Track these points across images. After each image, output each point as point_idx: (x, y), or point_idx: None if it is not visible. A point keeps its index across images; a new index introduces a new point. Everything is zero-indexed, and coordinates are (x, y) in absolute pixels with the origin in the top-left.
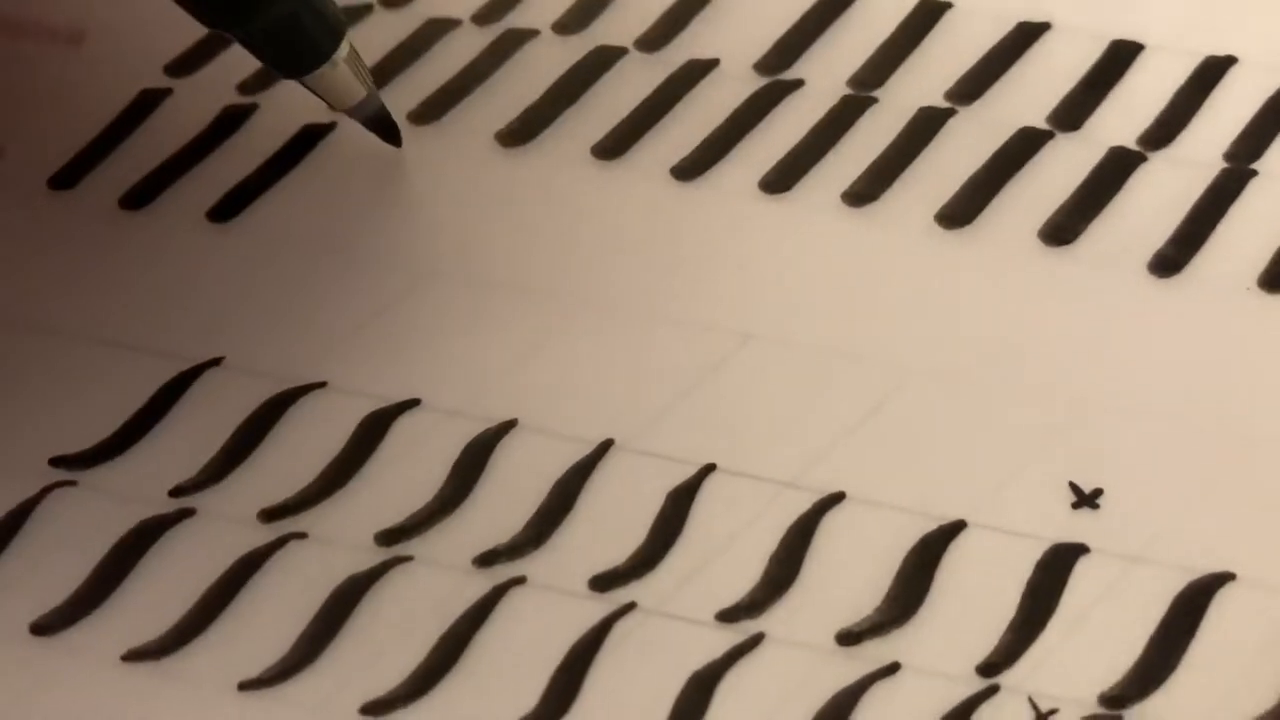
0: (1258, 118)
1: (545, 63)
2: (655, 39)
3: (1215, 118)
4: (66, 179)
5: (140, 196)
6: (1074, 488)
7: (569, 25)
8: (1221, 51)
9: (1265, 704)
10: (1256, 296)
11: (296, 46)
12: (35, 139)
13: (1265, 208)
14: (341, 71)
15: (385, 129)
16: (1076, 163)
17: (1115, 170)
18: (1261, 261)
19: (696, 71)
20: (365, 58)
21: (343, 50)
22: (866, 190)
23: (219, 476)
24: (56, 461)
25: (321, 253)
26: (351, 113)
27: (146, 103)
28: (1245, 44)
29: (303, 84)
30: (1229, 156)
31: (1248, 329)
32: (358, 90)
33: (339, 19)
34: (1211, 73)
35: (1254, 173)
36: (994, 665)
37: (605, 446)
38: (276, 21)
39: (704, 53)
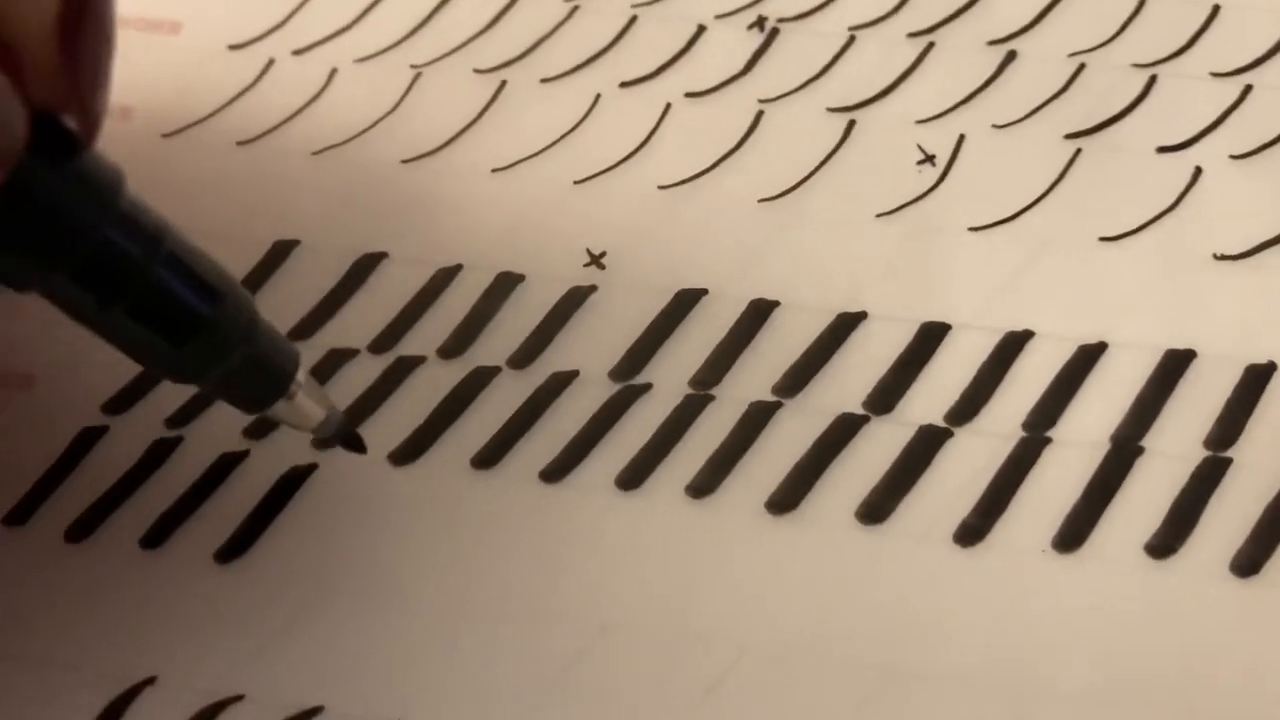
0: (1052, 388)
1: (430, 386)
2: (524, 357)
3: (1014, 390)
4: (19, 516)
5: (82, 529)
6: None
7: (450, 350)
8: (1020, 327)
9: None
10: (1052, 558)
11: (253, 388)
12: None
13: (1058, 474)
14: (299, 400)
15: (348, 442)
16: (890, 443)
17: (924, 447)
18: (1055, 524)
19: (560, 382)
20: None
21: (298, 381)
22: (705, 483)
23: None
24: None
25: (241, 570)
26: (315, 432)
27: (86, 439)
28: (1040, 318)
29: (266, 416)
30: (1027, 426)
31: (1044, 590)
32: (318, 413)
33: (290, 353)
34: (1011, 348)
35: (1049, 440)
36: None
37: None
38: (230, 372)
39: (566, 365)
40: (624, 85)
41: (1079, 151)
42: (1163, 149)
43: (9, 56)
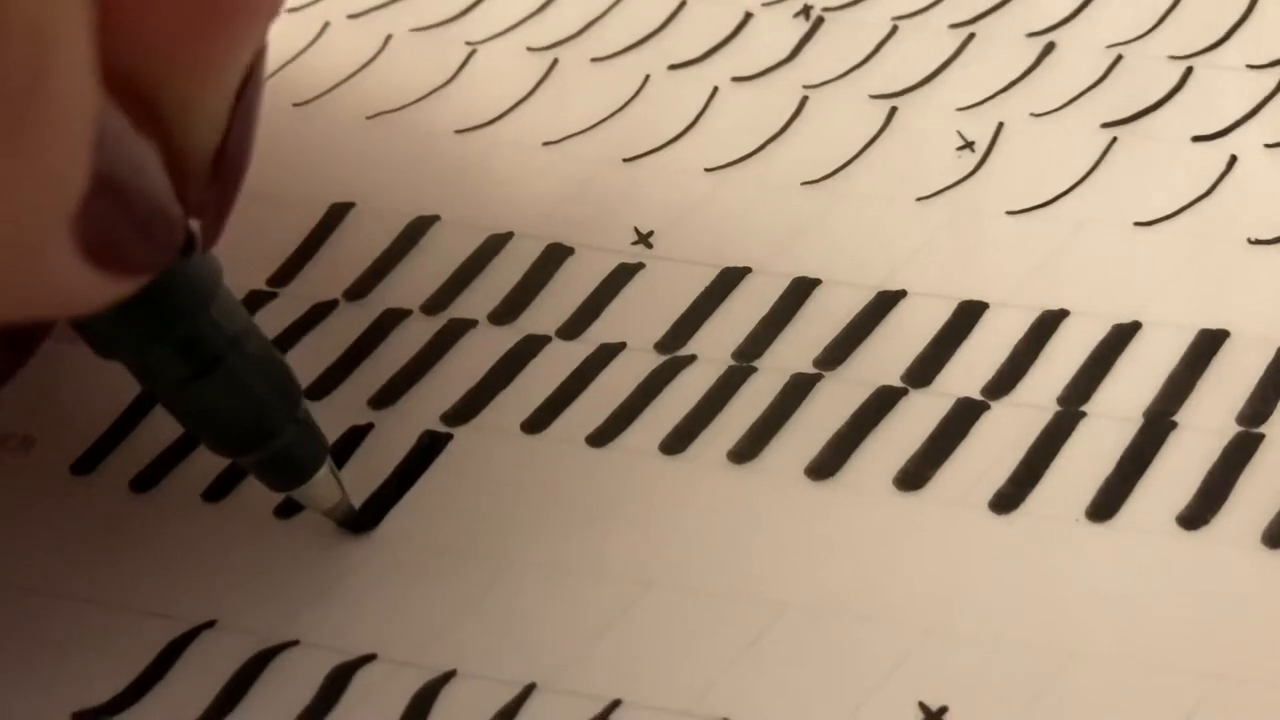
0: (1087, 364)
1: (481, 350)
2: (572, 328)
3: (1050, 366)
4: (85, 466)
5: (146, 480)
6: (922, 707)
7: (501, 316)
8: (1056, 306)
9: None
10: (1085, 527)
11: (286, 472)
12: (59, 431)
13: (1092, 446)
14: (321, 485)
15: (352, 524)
16: (927, 415)
17: (961, 419)
18: (1089, 494)
19: (607, 353)
20: (334, 347)
21: (322, 470)
22: (747, 450)
23: None
24: (79, 716)
25: (297, 524)
26: (327, 513)
27: (152, 395)
28: (1076, 298)
29: (288, 494)
30: (1062, 400)
31: (1077, 557)
32: (334, 497)
33: (322, 444)
34: (1047, 326)
35: (1083, 414)
36: None
37: (529, 689)
38: (272, 455)
39: (613, 337)
40: (672, 68)
41: (1115, 139)
42: (1198, 138)
43: (180, 167)
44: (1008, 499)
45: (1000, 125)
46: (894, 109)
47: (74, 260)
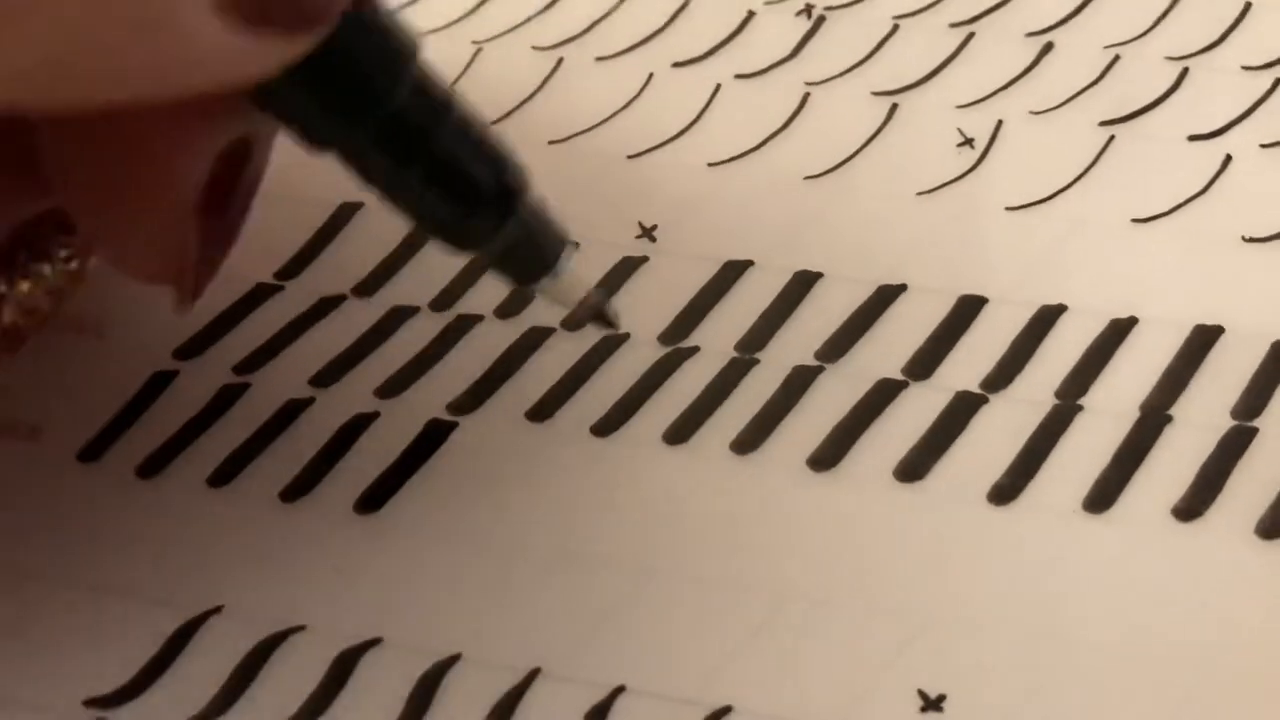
0: (1084, 359)
1: (487, 342)
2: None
3: (1048, 361)
4: (92, 453)
5: (152, 466)
6: (922, 694)
7: (507, 311)
8: (1054, 301)
9: None
10: (1082, 518)
11: (527, 261)
12: (66, 419)
13: (1089, 439)
14: (565, 278)
15: (606, 321)
16: (927, 407)
17: (960, 412)
18: (1086, 486)
19: (611, 344)
20: (341, 340)
21: (567, 259)
22: (749, 440)
23: (220, 711)
24: (90, 702)
25: (303, 509)
26: (578, 310)
27: (157, 383)
28: (1074, 293)
29: (534, 290)
30: (1059, 394)
31: (1074, 547)
32: (578, 291)
33: (560, 231)
34: (1045, 321)
35: (1080, 407)
36: None
37: (533, 674)
38: (509, 244)
39: (617, 329)
40: (676, 66)
41: (1112, 138)
42: (1194, 137)
43: None
44: (1006, 490)
45: (1000, 123)
46: (895, 106)
47: (210, 17)
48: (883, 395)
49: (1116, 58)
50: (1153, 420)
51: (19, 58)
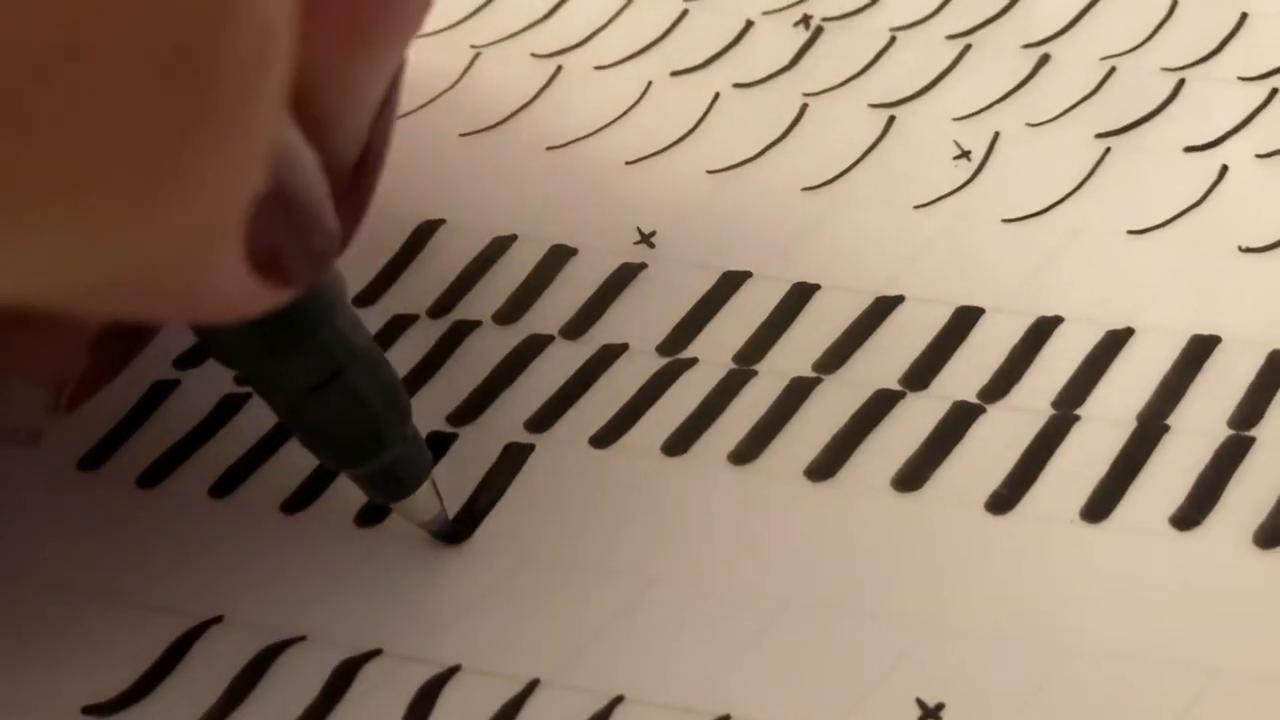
0: (1081, 369)
1: (485, 350)
2: (575, 328)
3: (1044, 371)
4: (92, 461)
5: (153, 476)
6: (920, 703)
7: (506, 317)
8: (1051, 312)
9: None
10: (1080, 527)
11: (391, 485)
12: (67, 427)
13: (1086, 448)
14: (421, 498)
15: (448, 537)
16: (924, 417)
17: (958, 422)
18: (1084, 495)
19: (610, 353)
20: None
21: (425, 484)
22: (747, 451)
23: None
24: (88, 710)
25: (305, 520)
26: (423, 525)
27: (158, 392)
28: (1071, 304)
29: (390, 507)
30: (1056, 404)
31: (1072, 556)
32: (433, 510)
33: (426, 459)
34: (1042, 331)
35: (1077, 417)
36: None
37: (533, 685)
38: (381, 469)
39: (616, 338)
40: (675, 74)
41: (1109, 150)
42: (1190, 148)
43: (331, 182)
44: (1004, 500)
45: (996, 134)
46: (892, 118)
47: (239, 265)
48: (880, 405)
49: (1113, 69)
50: (1150, 430)
51: (68, 277)
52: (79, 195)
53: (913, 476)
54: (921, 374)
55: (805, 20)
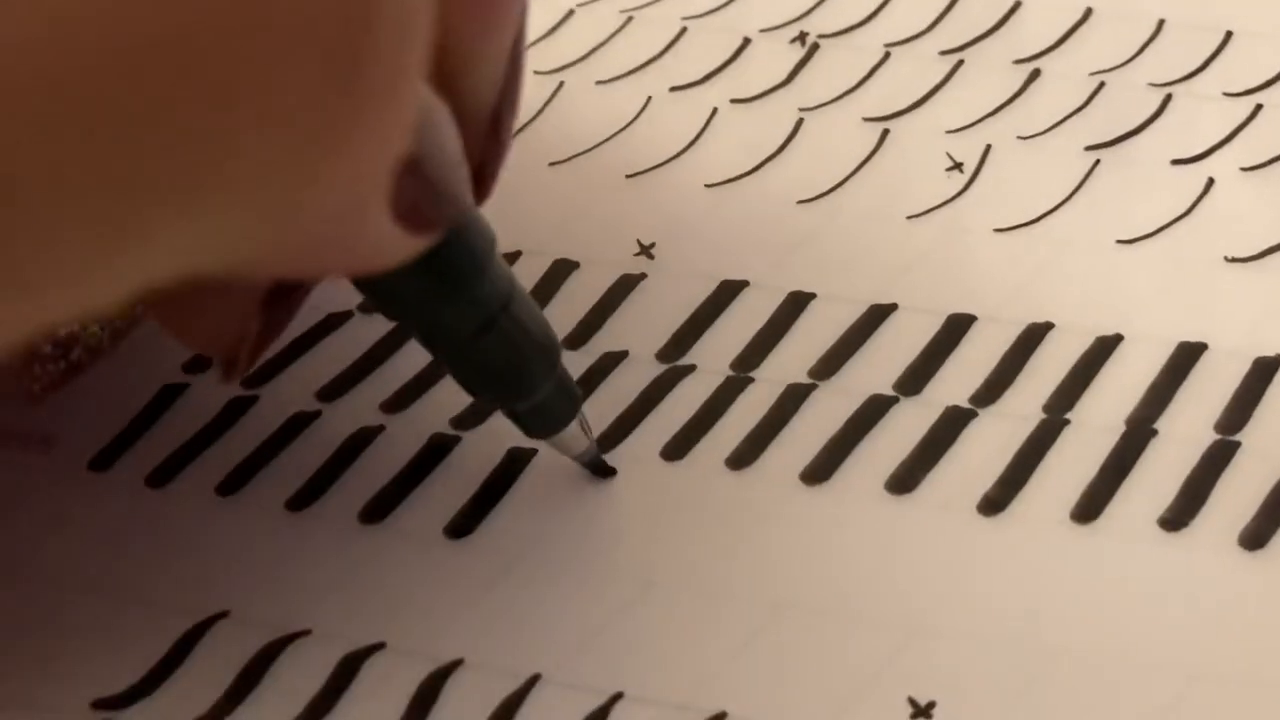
0: (1070, 375)
1: None
2: (577, 337)
3: (1035, 377)
4: (102, 462)
5: (161, 476)
6: (912, 702)
7: None
8: (1041, 320)
9: None
10: (1070, 529)
11: (544, 422)
12: (78, 429)
13: (1076, 452)
14: (571, 436)
15: (601, 470)
16: (917, 422)
17: (950, 426)
18: (1073, 498)
19: (611, 361)
20: (347, 356)
21: (574, 422)
22: (744, 456)
23: (225, 713)
24: (98, 704)
25: (309, 518)
26: (575, 458)
27: (167, 395)
28: (1061, 312)
29: (548, 442)
30: (1047, 409)
31: (1062, 558)
32: (582, 445)
33: (576, 398)
34: (1032, 339)
35: (1067, 421)
36: None
37: (533, 680)
38: (535, 407)
39: (616, 346)
40: (674, 90)
41: (1098, 162)
42: (1177, 161)
43: (463, 126)
44: (995, 503)
45: (988, 147)
46: (886, 131)
47: (385, 216)
48: (874, 411)
49: (1102, 84)
50: (1138, 434)
51: (231, 242)
52: (261, 164)
53: (906, 480)
54: (915, 380)
55: (801, 37)
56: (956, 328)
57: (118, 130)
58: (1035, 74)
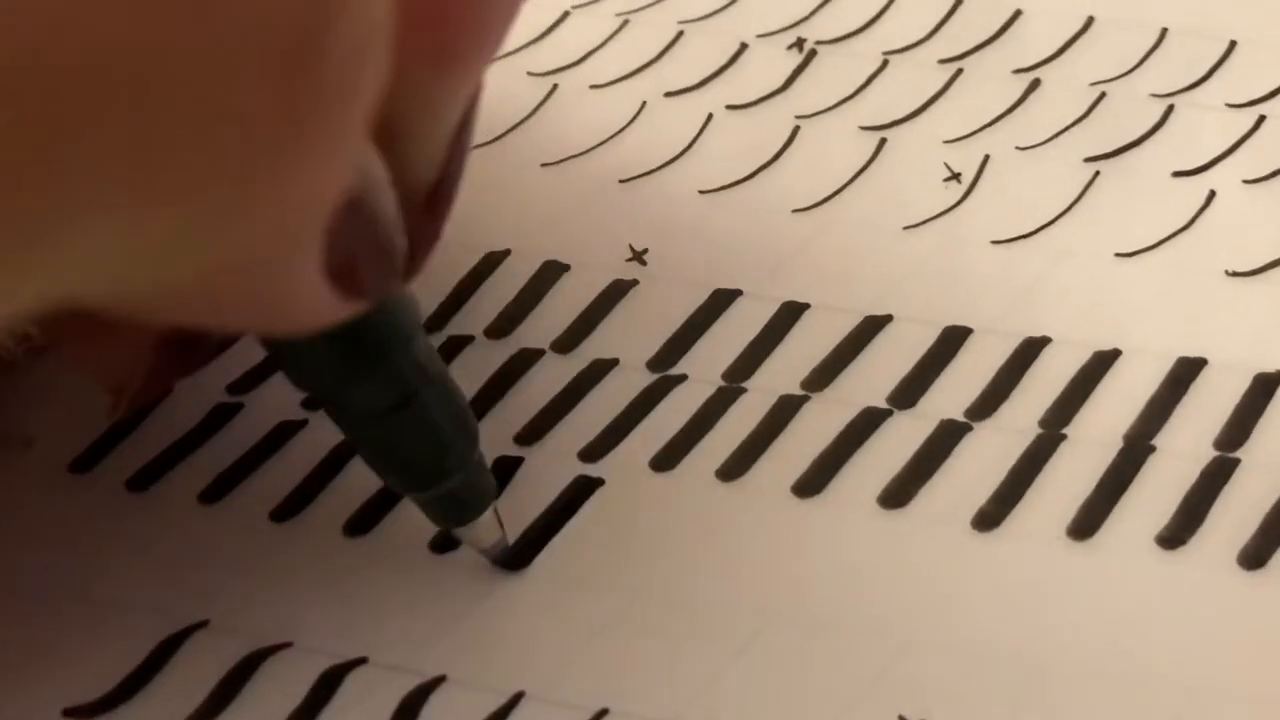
0: (1068, 390)
1: (477, 363)
2: (566, 342)
3: (1032, 391)
4: (83, 465)
5: (142, 480)
6: (903, 719)
7: (497, 331)
8: (1038, 333)
9: None
10: (1066, 545)
11: (455, 510)
12: (59, 430)
13: (1073, 467)
14: (483, 525)
15: (508, 563)
16: (911, 435)
17: (945, 440)
18: (1070, 514)
19: (600, 368)
20: None
21: (488, 510)
22: (735, 467)
23: None
24: (70, 712)
25: (293, 528)
26: (483, 551)
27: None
28: (1058, 325)
29: (452, 532)
30: (1043, 424)
31: (1058, 574)
32: (494, 537)
33: (490, 486)
34: (1029, 352)
35: (1064, 436)
36: None
37: (517, 698)
38: (446, 494)
39: (606, 353)
40: (669, 95)
41: (1098, 174)
42: (1178, 173)
43: (405, 203)
44: (990, 517)
45: (986, 158)
46: (883, 140)
47: (316, 274)
48: (868, 423)
49: (1102, 95)
50: (1136, 450)
51: (138, 276)
52: (189, 179)
53: (899, 494)
54: (909, 392)
55: (799, 43)
56: (952, 340)
57: None
58: (1035, 84)
